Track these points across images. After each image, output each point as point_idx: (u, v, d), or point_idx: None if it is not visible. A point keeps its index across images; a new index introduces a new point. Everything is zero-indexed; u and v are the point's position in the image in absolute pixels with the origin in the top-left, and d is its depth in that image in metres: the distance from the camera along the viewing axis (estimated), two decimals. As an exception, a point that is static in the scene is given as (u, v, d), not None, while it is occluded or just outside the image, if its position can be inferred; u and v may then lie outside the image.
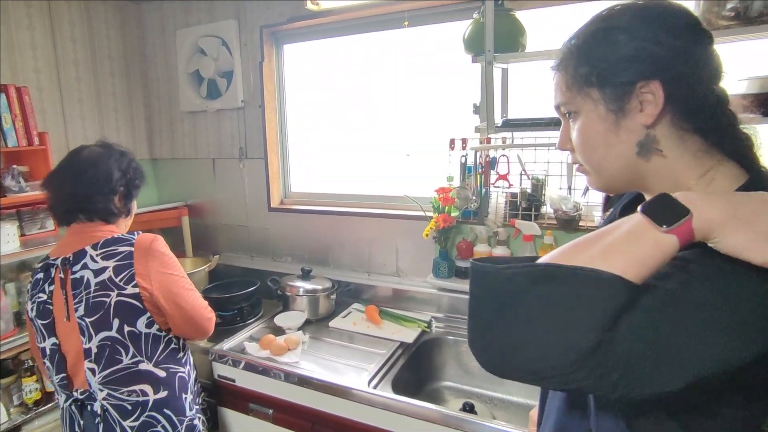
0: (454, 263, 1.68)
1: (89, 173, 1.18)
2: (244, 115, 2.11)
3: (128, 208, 1.27)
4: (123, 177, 1.23)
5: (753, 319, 0.48)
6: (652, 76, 0.58)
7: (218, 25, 2.06)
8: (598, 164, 0.65)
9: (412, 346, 1.56)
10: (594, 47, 0.61)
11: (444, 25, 1.71)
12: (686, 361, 0.47)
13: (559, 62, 0.66)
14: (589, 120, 0.63)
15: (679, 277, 0.50)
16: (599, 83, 0.60)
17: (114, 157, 1.23)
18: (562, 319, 0.48)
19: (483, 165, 1.59)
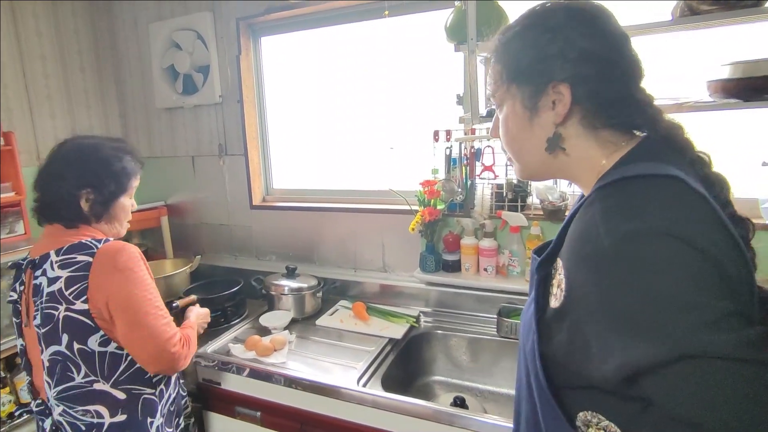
0: (441, 257, 1.67)
1: (54, 174, 1.08)
2: (223, 111, 2.05)
3: (104, 212, 1.12)
4: (94, 178, 1.08)
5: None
6: (563, 77, 0.62)
7: (192, 17, 1.99)
8: (517, 155, 0.70)
9: (401, 341, 1.54)
10: (515, 44, 0.66)
11: (425, 15, 1.68)
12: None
13: (492, 54, 0.69)
14: (509, 113, 0.68)
15: None
16: (517, 80, 0.65)
17: (90, 154, 1.10)
18: None
19: (468, 156, 1.57)
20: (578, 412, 0.61)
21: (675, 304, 0.47)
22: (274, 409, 1.39)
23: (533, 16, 0.66)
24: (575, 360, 0.59)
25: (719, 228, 0.52)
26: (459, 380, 1.58)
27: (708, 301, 0.47)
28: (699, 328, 0.46)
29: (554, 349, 0.62)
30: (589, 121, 0.63)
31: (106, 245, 1.05)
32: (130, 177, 1.15)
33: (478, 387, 1.55)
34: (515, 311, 1.53)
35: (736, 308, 0.48)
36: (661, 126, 0.63)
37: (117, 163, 1.12)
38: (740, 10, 1.06)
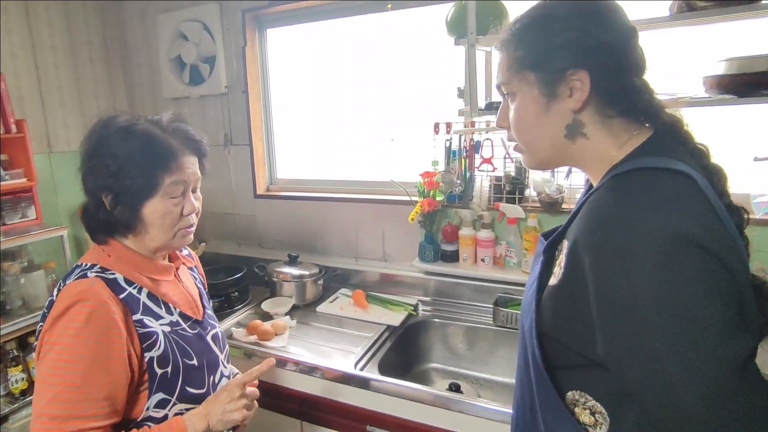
0: (439, 247, 1.70)
1: (82, 172, 0.87)
2: (228, 101, 2.08)
3: (133, 219, 0.85)
4: (107, 176, 0.83)
5: None
6: (581, 65, 0.63)
7: (199, 9, 2.02)
8: (530, 143, 0.71)
9: (398, 329, 1.58)
10: (532, 33, 0.67)
11: (427, 8, 1.69)
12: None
13: (502, 43, 0.70)
14: (524, 101, 0.68)
15: None
16: (534, 67, 0.66)
17: (104, 142, 0.84)
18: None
19: (467, 149, 1.60)
20: (567, 392, 0.64)
21: (683, 313, 0.50)
22: (273, 391, 1.44)
23: (549, 6, 0.67)
24: (567, 334, 0.63)
25: (721, 229, 0.54)
26: (455, 368, 1.62)
27: (713, 314, 0.50)
28: (700, 343, 0.49)
29: (549, 325, 0.65)
30: (603, 109, 0.65)
31: (69, 286, 0.80)
32: (157, 170, 0.83)
33: (474, 375, 1.59)
34: (512, 301, 1.56)
35: (738, 320, 0.51)
36: (664, 116, 0.66)
37: (136, 153, 0.82)
38: (736, 6, 1.07)
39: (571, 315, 0.61)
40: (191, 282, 1.06)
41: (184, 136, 0.90)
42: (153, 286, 0.91)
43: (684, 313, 0.49)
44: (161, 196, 0.85)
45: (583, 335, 0.59)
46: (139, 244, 0.89)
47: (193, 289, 1.04)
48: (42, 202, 1.91)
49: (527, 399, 0.72)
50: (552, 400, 0.65)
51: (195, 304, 1.01)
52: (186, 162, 0.88)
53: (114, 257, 0.88)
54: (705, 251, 0.51)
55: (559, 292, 0.63)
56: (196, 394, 0.92)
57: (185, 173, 0.87)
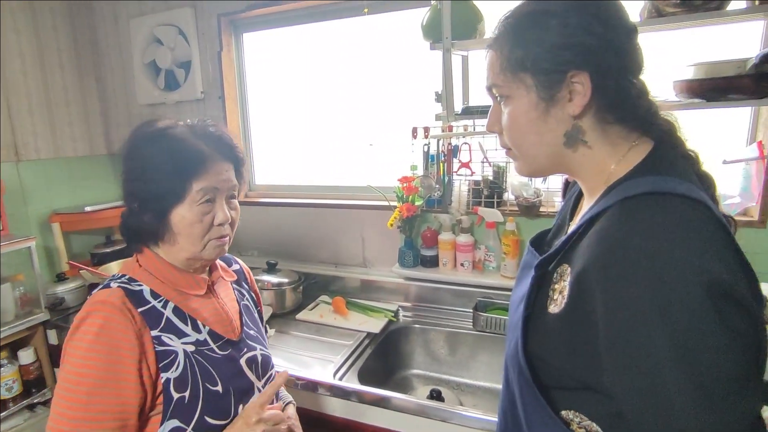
0: (419, 252, 1.69)
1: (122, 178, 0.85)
2: (205, 107, 2.05)
3: (161, 227, 0.82)
4: (133, 182, 0.82)
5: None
6: (582, 66, 0.58)
7: (174, 13, 1.99)
8: (526, 151, 0.66)
9: (379, 336, 1.56)
10: (529, 31, 0.61)
11: (404, 13, 1.69)
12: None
13: (494, 41, 0.65)
14: (520, 106, 0.63)
15: None
16: (533, 69, 0.60)
17: (139, 142, 0.82)
18: None
19: (445, 153, 1.60)
20: (561, 410, 0.62)
21: (704, 369, 0.47)
22: (252, 402, 1.41)
23: (546, 1, 0.61)
24: (565, 361, 0.59)
25: (736, 256, 0.52)
26: (437, 373, 1.61)
27: (732, 370, 0.47)
28: (717, 400, 0.47)
29: (547, 350, 0.62)
30: (602, 115, 0.60)
31: (93, 295, 0.80)
32: (185, 175, 0.79)
33: (455, 380, 1.58)
34: (491, 305, 1.56)
35: (754, 371, 0.49)
36: (661, 123, 0.63)
37: (163, 157, 0.79)
38: (702, 13, 1.09)
39: (573, 344, 0.58)
40: (231, 298, 0.97)
41: (218, 141, 0.85)
42: (181, 299, 0.85)
43: (705, 369, 0.47)
44: (189, 203, 0.80)
45: (585, 365, 0.56)
46: (171, 254, 0.85)
47: (232, 305, 0.96)
48: (9, 213, 1.84)
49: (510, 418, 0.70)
50: (546, 419, 0.62)
51: (230, 322, 0.91)
52: (218, 168, 0.83)
53: (145, 267, 0.85)
54: (732, 301, 0.48)
55: (562, 321, 0.59)
56: (217, 425, 0.81)
57: (216, 179, 0.82)
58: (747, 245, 1.33)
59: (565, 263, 0.62)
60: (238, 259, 1.10)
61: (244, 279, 1.07)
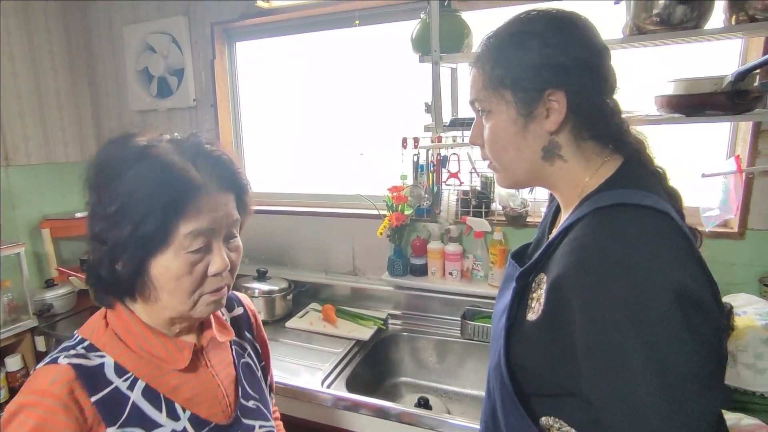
0: (408, 261, 1.71)
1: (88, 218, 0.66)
2: (197, 115, 2.06)
3: (136, 279, 0.63)
4: (104, 215, 0.61)
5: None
6: (558, 85, 0.62)
7: (167, 21, 2.00)
8: (506, 164, 0.69)
9: (368, 343, 1.57)
10: (509, 50, 0.65)
11: (395, 25, 1.72)
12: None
13: (477, 59, 0.68)
14: (501, 121, 0.66)
15: None
16: (513, 87, 0.64)
17: (112, 166, 0.63)
18: None
19: (434, 163, 1.62)
20: (541, 417, 0.64)
21: (672, 370, 0.49)
22: (240, 410, 1.41)
23: (526, 22, 0.65)
24: (544, 368, 0.61)
25: (700, 266, 0.55)
26: (425, 381, 1.62)
27: (699, 371, 0.49)
28: (684, 399, 0.49)
29: (525, 357, 0.64)
30: (577, 131, 0.64)
31: (34, 376, 0.62)
32: (169, 214, 0.60)
33: (443, 388, 1.59)
34: (479, 314, 1.58)
35: (717, 370, 0.52)
36: (631, 140, 0.66)
37: (141, 189, 0.60)
38: (680, 31, 1.13)
39: (550, 350, 0.60)
40: (227, 362, 0.77)
41: (215, 164, 0.66)
42: (156, 375, 0.66)
43: (673, 369, 0.49)
44: (175, 250, 0.61)
45: (563, 370, 0.59)
46: (151, 313, 0.67)
47: (228, 373, 0.76)
48: (0, 218, 1.84)
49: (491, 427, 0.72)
50: (525, 429, 0.64)
51: (222, 399, 0.72)
52: (214, 202, 0.64)
53: (113, 329, 0.67)
54: (697, 306, 0.51)
55: (539, 328, 0.61)
56: None
57: (212, 218, 0.63)
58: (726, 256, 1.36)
59: (542, 272, 0.64)
60: (242, 297, 0.89)
61: (248, 326, 0.86)
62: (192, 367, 0.70)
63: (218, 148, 0.68)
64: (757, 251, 1.33)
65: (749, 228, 1.34)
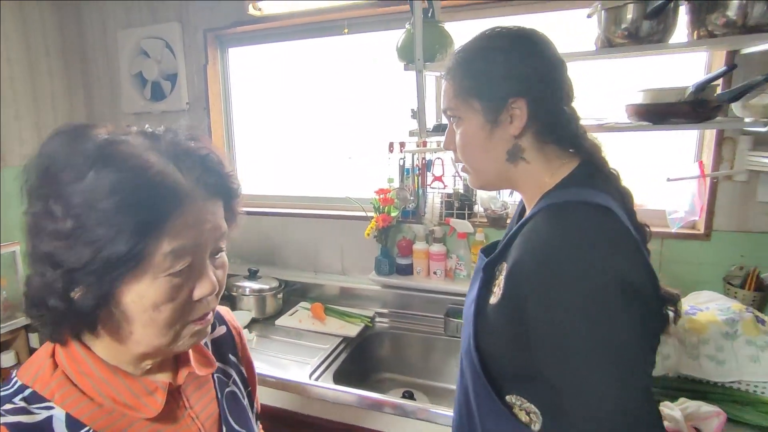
0: (395, 261, 1.77)
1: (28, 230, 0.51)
2: (189, 118, 2.11)
3: (98, 309, 0.49)
4: (56, 231, 0.47)
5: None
6: (520, 94, 0.69)
7: (161, 27, 2.05)
8: (475, 166, 0.77)
9: (355, 340, 1.63)
10: (476, 63, 0.72)
11: (382, 33, 1.79)
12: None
13: (447, 71, 0.76)
14: (470, 127, 0.73)
15: None
16: (479, 96, 0.71)
17: (65, 166, 0.48)
18: None
19: (420, 167, 1.69)
20: (506, 396, 0.71)
21: (614, 349, 0.56)
22: (230, 404, 1.46)
23: (491, 38, 0.73)
24: (505, 348, 0.68)
25: (639, 256, 0.62)
26: (410, 377, 1.68)
27: (638, 349, 0.57)
28: (627, 376, 0.56)
29: (489, 340, 0.71)
30: (539, 135, 0.71)
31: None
32: (145, 230, 0.47)
33: (427, 383, 1.65)
34: (461, 312, 1.64)
35: (652, 344, 0.59)
36: (587, 144, 0.73)
37: (108, 198, 0.46)
38: (647, 45, 1.21)
39: (508, 332, 0.67)
40: (209, 399, 0.64)
41: (201, 165, 0.53)
42: (121, 427, 0.53)
43: (615, 351, 0.56)
44: (153, 274, 0.49)
45: (520, 350, 0.65)
46: (116, 347, 0.53)
47: (209, 411, 0.63)
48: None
49: (464, 408, 0.78)
50: (492, 405, 0.71)
51: None
52: (201, 212, 0.52)
53: (64, 370, 0.53)
54: (635, 291, 0.58)
55: (498, 311, 0.68)
56: None
57: (197, 232, 0.51)
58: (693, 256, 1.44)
59: (503, 261, 0.71)
60: (224, 312, 0.76)
61: (232, 348, 0.73)
62: (166, 412, 0.56)
63: (204, 145, 0.55)
64: (721, 251, 1.41)
65: (715, 229, 1.42)
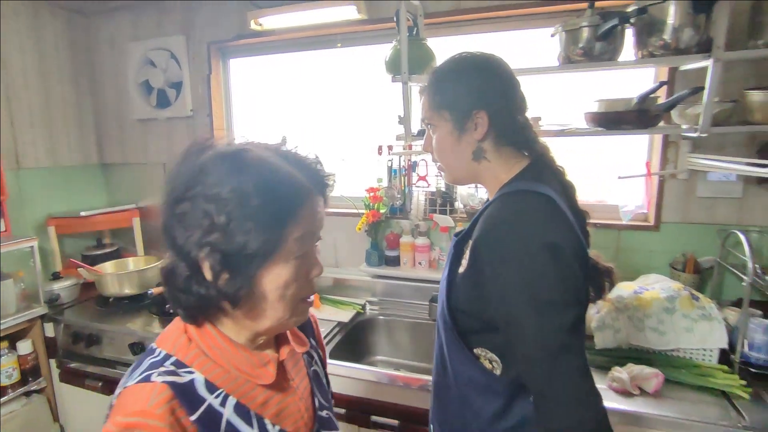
0: (383, 253, 1.95)
1: (166, 223, 0.61)
2: (194, 123, 2.27)
3: (243, 290, 0.59)
4: (210, 225, 0.57)
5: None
6: (482, 107, 0.87)
7: (167, 39, 2.22)
8: (448, 165, 0.95)
9: (348, 324, 1.80)
10: (447, 82, 0.91)
11: (372, 47, 1.98)
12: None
13: (424, 89, 0.95)
14: (443, 133, 0.92)
15: None
16: (449, 108, 0.90)
17: (212, 171, 0.59)
18: None
19: (406, 168, 1.87)
20: (473, 348, 0.89)
21: (541, 297, 0.74)
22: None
23: (458, 62, 0.90)
24: (471, 306, 0.86)
25: (568, 230, 0.80)
26: (398, 359, 1.85)
27: (560, 297, 0.74)
28: (548, 315, 0.74)
29: (460, 301, 0.89)
30: (498, 139, 0.88)
31: (126, 396, 0.59)
32: (281, 221, 0.59)
33: (414, 364, 1.83)
34: (444, 298, 1.82)
35: (574, 298, 0.76)
36: (538, 147, 0.92)
37: (255, 195, 0.57)
38: (600, 62, 1.40)
39: (473, 294, 0.85)
40: (303, 374, 0.75)
41: (311, 167, 0.67)
42: (246, 391, 0.64)
43: (541, 296, 0.74)
44: (285, 257, 0.60)
45: (482, 307, 0.83)
46: (237, 326, 0.64)
47: (304, 385, 0.74)
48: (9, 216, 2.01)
49: (440, 360, 0.96)
50: (462, 355, 0.89)
51: (303, 413, 0.71)
52: (315, 205, 0.64)
53: (198, 345, 0.63)
54: (562, 255, 0.75)
55: (465, 277, 0.87)
56: None
57: (314, 221, 0.64)
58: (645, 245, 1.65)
59: (469, 239, 0.89)
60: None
61: (312, 332, 0.86)
62: (277, 381, 0.67)
63: (307, 151, 0.70)
64: (669, 241, 1.61)
65: (663, 222, 1.62)
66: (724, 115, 1.36)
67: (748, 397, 1.20)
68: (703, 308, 1.33)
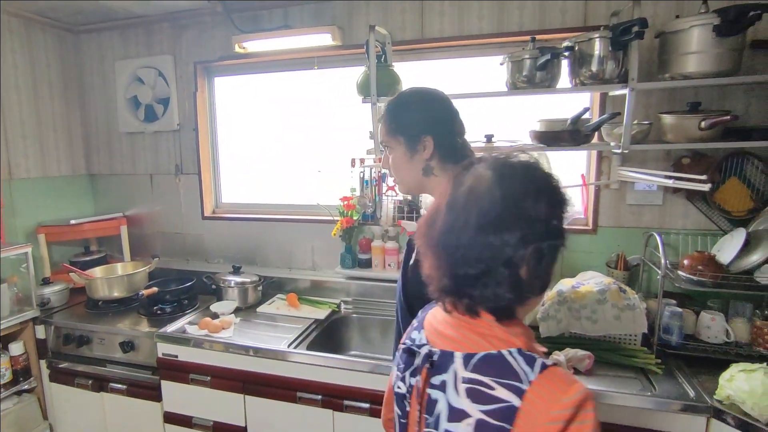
0: (356, 256, 2.14)
1: (482, 221, 0.68)
2: (180, 137, 2.43)
3: (536, 292, 0.71)
4: (533, 229, 0.66)
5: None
6: (428, 132, 1.08)
7: (155, 58, 2.37)
8: (402, 179, 1.15)
9: (324, 321, 1.97)
10: (399, 112, 1.11)
11: (346, 69, 2.18)
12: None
13: (381, 117, 1.16)
14: (397, 154, 1.12)
15: None
16: (402, 133, 1.10)
17: (521, 187, 0.69)
18: None
19: (376, 179, 2.07)
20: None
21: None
22: (221, 372, 1.77)
23: (409, 95, 1.10)
24: (421, 291, 1.01)
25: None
26: (371, 353, 2.03)
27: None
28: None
29: (413, 289, 1.07)
30: (443, 158, 1.07)
31: (546, 375, 0.63)
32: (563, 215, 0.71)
33: (385, 357, 1.99)
34: (412, 296, 2.01)
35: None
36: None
37: (557, 204, 0.69)
38: (540, 88, 1.63)
39: (420, 278, 1.04)
40: None
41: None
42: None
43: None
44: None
45: (425, 290, 1.03)
46: (525, 313, 0.74)
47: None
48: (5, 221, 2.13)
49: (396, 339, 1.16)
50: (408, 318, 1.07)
51: None
52: None
53: (512, 335, 0.69)
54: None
55: (414, 267, 1.05)
56: None
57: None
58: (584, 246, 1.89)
59: None
60: None
61: None
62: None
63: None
64: (605, 243, 1.85)
65: (600, 226, 1.85)
66: (642, 134, 1.60)
67: (661, 372, 1.43)
68: (629, 299, 1.56)
